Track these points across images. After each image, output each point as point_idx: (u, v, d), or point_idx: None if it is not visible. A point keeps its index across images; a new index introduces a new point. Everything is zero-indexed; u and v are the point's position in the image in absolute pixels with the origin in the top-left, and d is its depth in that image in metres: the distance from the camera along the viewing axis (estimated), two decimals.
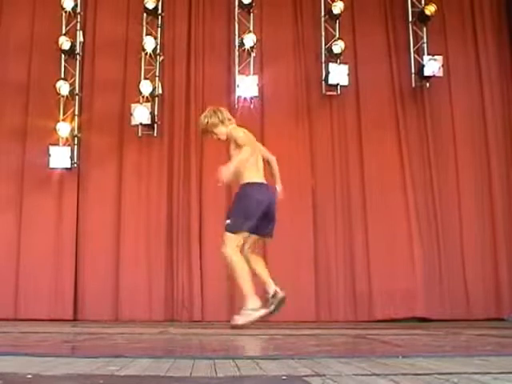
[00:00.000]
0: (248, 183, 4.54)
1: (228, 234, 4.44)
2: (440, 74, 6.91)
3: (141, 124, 6.81)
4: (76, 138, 6.92)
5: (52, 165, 6.72)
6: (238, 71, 6.87)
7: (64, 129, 6.79)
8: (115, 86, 7.05)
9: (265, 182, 4.64)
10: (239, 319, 4.39)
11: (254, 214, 4.44)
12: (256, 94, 6.80)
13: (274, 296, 4.55)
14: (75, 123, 6.93)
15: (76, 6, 6.97)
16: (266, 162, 4.88)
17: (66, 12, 6.88)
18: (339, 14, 6.97)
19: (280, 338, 3.54)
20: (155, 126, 6.92)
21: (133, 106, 6.78)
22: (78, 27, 7.03)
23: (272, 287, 4.56)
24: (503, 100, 7.29)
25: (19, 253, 6.65)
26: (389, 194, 6.92)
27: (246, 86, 6.77)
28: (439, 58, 6.91)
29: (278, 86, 7.04)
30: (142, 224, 6.79)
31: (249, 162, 4.52)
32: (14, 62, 7.05)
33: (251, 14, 6.98)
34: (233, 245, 4.42)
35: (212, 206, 6.66)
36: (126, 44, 7.13)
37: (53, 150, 6.71)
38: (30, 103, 6.93)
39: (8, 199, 6.81)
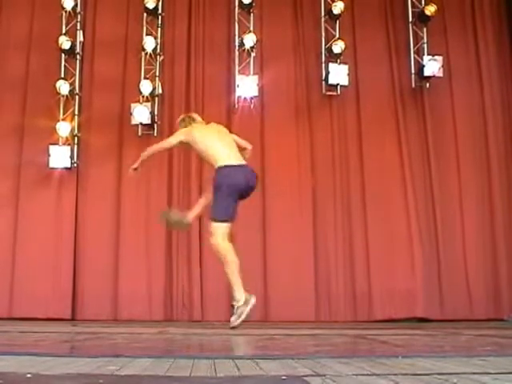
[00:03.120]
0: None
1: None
2: (440, 74, 6.91)
3: (141, 124, 6.82)
4: (76, 138, 6.92)
5: (52, 164, 6.71)
6: (238, 71, 6.87)
7: (64, 128, 6.78)
8: (115, 85, 7.05)
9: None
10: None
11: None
12: (256, 93, 6.80)
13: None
14: (75, 123, 6.93)
15: (76, 5, 6.96)
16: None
17: (66, 11, 6.88)
18: (339, 14, 6.97)
19: (280, 338, 3.54)
20: (155, 125, 6.92)
21: (133, 105, 6.78)
22: (78, 27, 7.03)
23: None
24: (503, 100, 7.29)
25: (17, 251, 6.64)
26: (389, 194, 6.92)
27: (246, 86, 6.76)
28: (439, 58, 6.91)
29: (278, 85, 7.03)
30: (142, 223, 6.79)
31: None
32: (14, 61, 7.04)
33: (251, 14, 6.97)
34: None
35: None
36: (126, 44, 7.13)
37: (53, 149, 6.70)
38: (30, 103, 6.92)
39: (8, 198, 6.80)
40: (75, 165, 6.87)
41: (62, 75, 6.92)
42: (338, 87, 6.96)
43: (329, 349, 2.79)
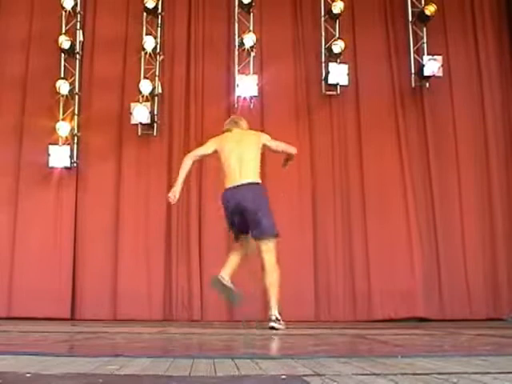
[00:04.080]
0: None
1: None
2: (440, 74, 6.91)
3: (140, 123, 6.81)
4: (76, 137, 6.92)
5: (51, 164, 6.71)
6: (238, 71, 6.87)
7: (64, 128, 6.78)
8: (115, 85, 7.05)
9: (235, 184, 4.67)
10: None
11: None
12: (256, 93, 6.80)
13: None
14: (75, 122, 6.93)
15: (76, 5, 6.96)
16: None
17: (65, 11, 6.88)
18: (339, 14, 6.97)
19: (280, 338, 3.54)
20: (155, 125, 6.92)
21: (132, 105, 6.78)
22: (78, 26, 7.03)
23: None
24: (503, 100, 7.29)
25: (17, 251, 6.63)
26: (388, 194, 6.92)
27: (246, 86, 6.76)
28: (439, 58, 6.91)
29: (277, 85, 7.03)
30: (141, 223, 6.79)
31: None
32: (14, 61, 7.05)
33: (251, 14, 6.98)
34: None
35: (211, 205, 6.63)
36: (125, 43, 7.13)
37: (52, 149, 6.70)
38: (30, 102, 6.92)
39: (7, 198, 6.80)
40: (75, 164, 6.87)
41: (62, 75, 6.91)
42: (338, 87, 6.96)
43: (328, 348, 2.79)
